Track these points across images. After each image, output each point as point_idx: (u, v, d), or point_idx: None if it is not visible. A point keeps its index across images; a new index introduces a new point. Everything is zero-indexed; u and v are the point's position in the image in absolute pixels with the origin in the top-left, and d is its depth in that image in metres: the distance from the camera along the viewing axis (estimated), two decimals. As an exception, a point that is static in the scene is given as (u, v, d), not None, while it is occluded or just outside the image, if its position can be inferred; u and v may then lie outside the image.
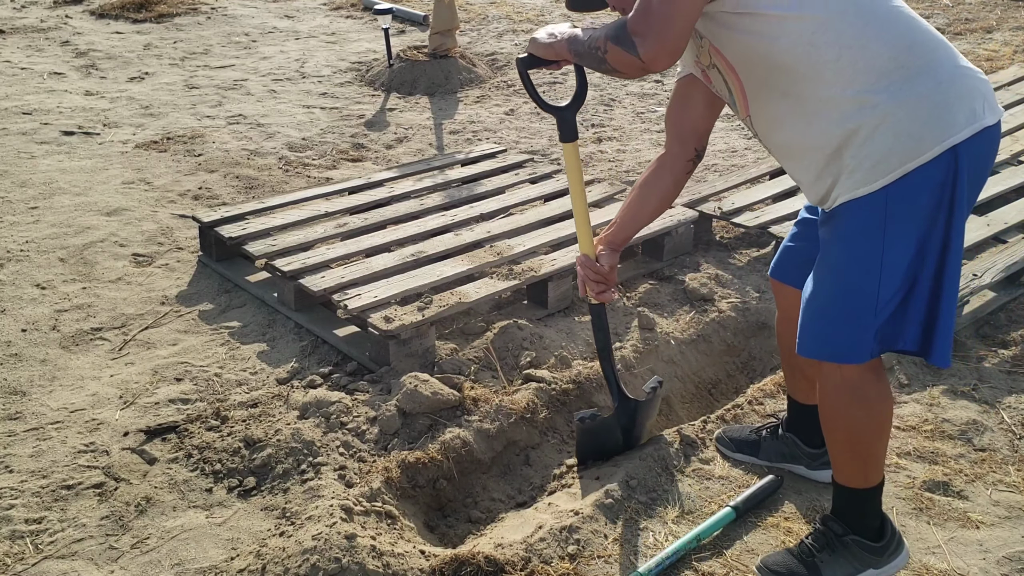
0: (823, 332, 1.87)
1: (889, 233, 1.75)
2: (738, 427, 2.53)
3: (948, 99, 1.71)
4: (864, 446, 1.94)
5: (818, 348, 1.89)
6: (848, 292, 1.82)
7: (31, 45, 7.03)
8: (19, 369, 2.90)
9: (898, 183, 1.73)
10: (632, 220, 2.23)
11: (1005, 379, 2.81)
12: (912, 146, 1.70)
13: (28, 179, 4.43)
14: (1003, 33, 7.02)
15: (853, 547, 2.02)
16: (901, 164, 1.71)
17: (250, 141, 5.11)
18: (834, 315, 1.85)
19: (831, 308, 1.85)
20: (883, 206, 1.75)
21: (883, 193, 1.74)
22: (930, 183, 1.72)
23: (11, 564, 2.12)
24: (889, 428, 1.96)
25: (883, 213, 1.75)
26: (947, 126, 1.70)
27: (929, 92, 1.71)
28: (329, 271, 3.18)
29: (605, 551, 2.12)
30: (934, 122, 1.70)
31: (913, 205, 1.74)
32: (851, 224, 1.79)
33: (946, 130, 1.70)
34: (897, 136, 1.71)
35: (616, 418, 2.39)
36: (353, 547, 2.01)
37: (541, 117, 5.61)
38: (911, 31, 1.74)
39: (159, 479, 2.42)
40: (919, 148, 1.70)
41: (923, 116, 1.70)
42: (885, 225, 1.75)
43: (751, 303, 3.29)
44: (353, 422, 2.56)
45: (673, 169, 2.15)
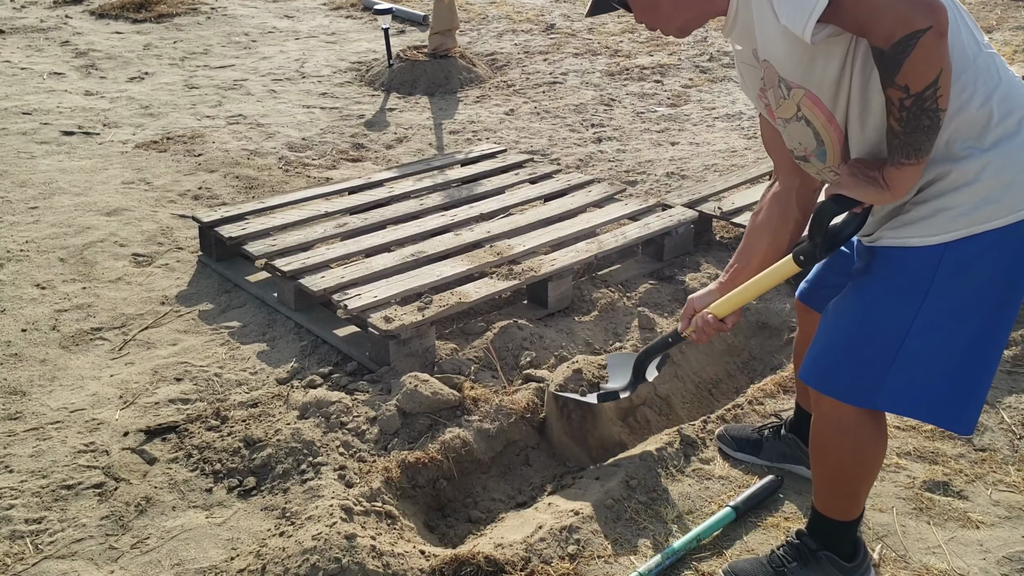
0: (831, 367, 1.79)
1: (933, 292, 1.64)
2: (740, 426, 2.53)
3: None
4: (848, 484, 1.89)
5: (820, 380, 1.82)
6: (869, 336, 1.72)
7: (31, 45, 7.03)
8: (19, 369, 2.90)
9: (961, 243, 1.61)
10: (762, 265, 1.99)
11: (1005, 379, 2.81)
12: (987, 209, 1.59)
13: (28, 179, 4.43)
14: (1003, 33, 7.02)
15: (825, 563, 1.97)
16: (970, 225, 1.60)
17: (250, 141, 5.11)
18: (848, 356, 1.76)
19: (847, 348, 1.77)
20: (936, 263, 1.64)
21: (940, 250, 1.62)
22: (997, 250, 1.61)
23: (11, 564, 2.12)
24: (877, 471, 1.89)
25: (933, 271, 1.64)
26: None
27: (1018, 155, 1.58)
28: (329, 271, 3.18)
29: (605, 551, 2.12)
30: (1017, 186, 1.58)
31: (970, 269, 1.63)
32: (895, 272, 1.69)
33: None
34: (974, 195, 1.59)
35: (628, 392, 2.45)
36: (353, 547, 2.01)
37: (541, 117, 5.61)
38: (1004, 82, 1.61)
39: (159, 479, 2.42)
40: (994, 212, 1.59)
41: (1006, 180, 1.58)
42: (932, 283, 1.64)
43: (751, 303, 3.29)
44: (353, 422, 2.56)
45: (800, 201, 1.96)
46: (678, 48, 7.00)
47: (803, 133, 1.74)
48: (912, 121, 1.49)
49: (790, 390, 2.75)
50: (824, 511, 1.96)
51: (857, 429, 1.80)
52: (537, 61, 6.82)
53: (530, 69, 6.62)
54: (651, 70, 6.54)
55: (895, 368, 1.70)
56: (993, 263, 1.62)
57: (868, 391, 1.75)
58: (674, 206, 3.75)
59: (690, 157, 4.89)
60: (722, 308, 2.03)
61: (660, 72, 6.50)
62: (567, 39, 7.40)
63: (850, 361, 1.76)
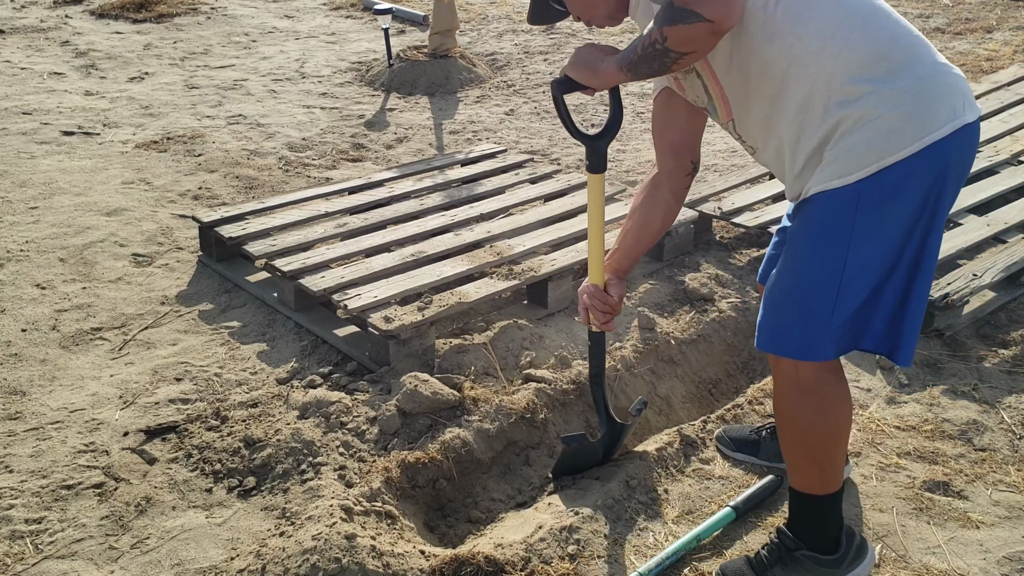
0: (779, 326, 1.82)
1: (857, 231, 1.70)
2: (738, 427, 2.53)
3: (929, 95, 1.67)
4: (819, 449, 1.88)
5: (773, 342, 1.84)
6: (807, 288, 1.76)
7: (31, 45, 7.03)
8: (19, 369, 2.90)
9: (873, 178, 1.67)
10: (635, 245, 2.18)
11: (1005, 379, 2.81)
12: (893, 141, 1.66)
13: (28, 179, 4.43)
14: (1003, 33, 7.02)
15: (805, 562, 1.97)
16: (879, 159, 1.67)
17: (250, 141, 5.11)
18: (791, 310, 1.79)
19: (789, 303, 1.80)
20: (855, 201, 1.69)
21: (856, 187, 1.69)
22: (910, 180, 1.67)
23: (11, 564, 2.12)
24: (847, 432, 1.90)
25: (853, 209, 1.70)
26: (928, 122, 1.66)
27: (910, 87, 1.67)
28: (329, 271, 3.18)
29: (605, 551, 2.12)
30: (916, 117, 1.66)
31: (888, 203, 1.69)
32: (818, 217, 1.74)
33: (927, 126, 1.66)
34: (877, 130, 1.66)
35: (601, 441, 2.38)
36: (353, 547, 2.01)
37: (541, 117, 5.61)
38: (891, 24, 1.71)
39: (159, 479, 2.42)
40: (899, 143, 1.66)
41: (904, 111, 1.66)
42: (854, 222, 1.70)
43: (751, 303, 3.29)
44: (353, 422, 2.56)
45: (672, 185, 2.10)
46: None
47: (696, 87, 1.90)
48: (650, 57, 1.72)
49: (790, 390, 2.75)
50: (801, 487, 1.95)
51: (819, 387, 1.82)
52: (537, 61, 6.82)
53: (530, 69, 6.62)
54: (651, 70, 6.54)
55: (838, 312, 1.74)
56: (909, 193, 1.68)
57: (818, 342, 1.77)
58: (674, 206, 3.75)
59: (690, 157, 4.89)
60: (592, 275, 2.17)
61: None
62: (567, 39, 7.40)
63: (795, 316, 1.79)
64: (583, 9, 1.92)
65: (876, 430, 2.58)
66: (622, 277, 2.23)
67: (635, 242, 2.18)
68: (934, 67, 1.70)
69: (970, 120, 1.70)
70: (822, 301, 1.74)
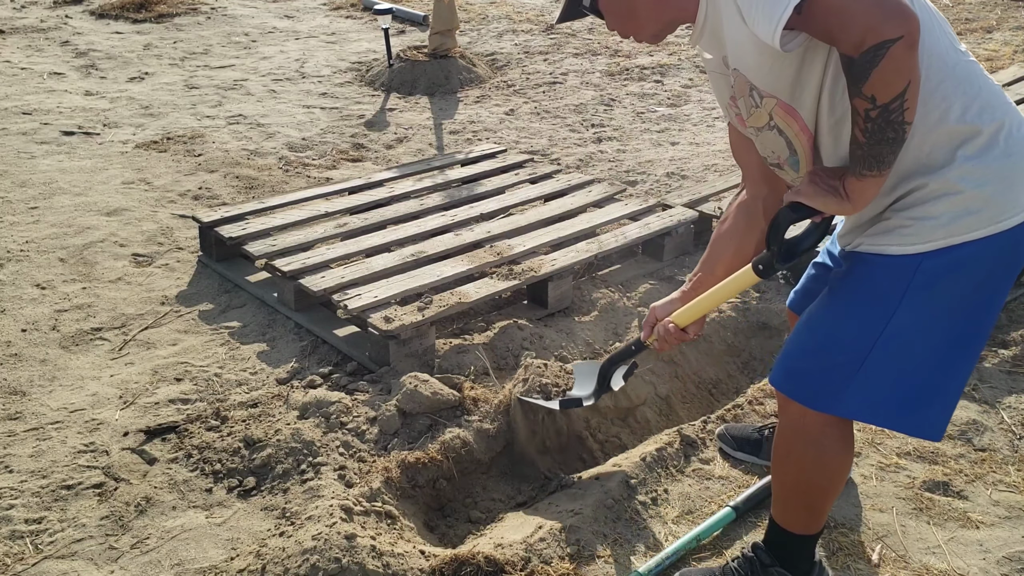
0: (798, 370, 1.76)
1: (907, 301, 1.61)
2: (740, 426, 2.53)
3: (1014, 175, 1.56)
4: (809, 496, 1.84)
5: (787, 383, 1.78)
6: (838, 341, 1.69)
7: (31, 45, 7.03)
8: (19, 369, 2.90)
9: (939, 253, 1.57)
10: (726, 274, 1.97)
11: (1005, 379, 2.81)
12: (968, 221, 1.55)
13: (28, 179, 4.43)
14: (1003, 33, 7.02)
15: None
16: (948, 236, 1.56)
17: (250, 141, 5.11)
18: (814, 359, 1.73)
19: (814, 351, 1.73)
20: (912, 272, 1.60)
21: (918, 259, 1.59)
22: (975, 262, 1.58)
23: (11, 564, 2.12)
24: (839, 486, 1.84)
25: (910, 279, 1.60)
26: (1009, 207, 1.55)
27: (997, 167, 1.55)
28: (329, 271, 3.18)
29: (605, 551, 2.12)
30: (997, 200, 1.55)
31: (945, 281, 1.59)
32: (870, 278, 1.66)
33: (1006, 211, 1.55)
34: (954, 207, 1.55)
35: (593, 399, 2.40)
36: (353, 547, 2.01)
37: (541, 117, 5.61)
38: (984, 91, 1.58)
39: (159, 479, 2.42)
40: (974, 224, 1.55)
41: (987, 193, 1.55)
42: (905, 293, 1.61)
43: (751, 303, 3.29)
44: (353, 422, 2.56)
45: (767, 212, 1.91)
46: (678, 48, 7.00)
47: (776, 142, 1.71)
48: (877, 133, 1.45)
49: (790, 390, 2.75)
50: (782, 523, 1.92)
51: (821, 440, 1.76)
52: (537, 61, 6.82)
53: (530, 69, 6.62)
54: (651, 70, 6.54)
55: (861, 375, 1.66)
56: (968, 276, 1.59)
57: (833, 396, 1.70)
58: (674, 206, 3.75)
59: (690, 157, 4.89)
60: (683, 317, 2.02)
61: (660, 72, 6.50)
62: (567, 39, 7.40)
63: (818, 365, 1.72)
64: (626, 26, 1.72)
65: (876, 430, 2.58)
66: None
67: (725, 273, 1.97)
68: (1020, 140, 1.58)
69: None
70: (849, 360, 1.67)
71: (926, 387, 1.66)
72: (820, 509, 1.87)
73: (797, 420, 1.78)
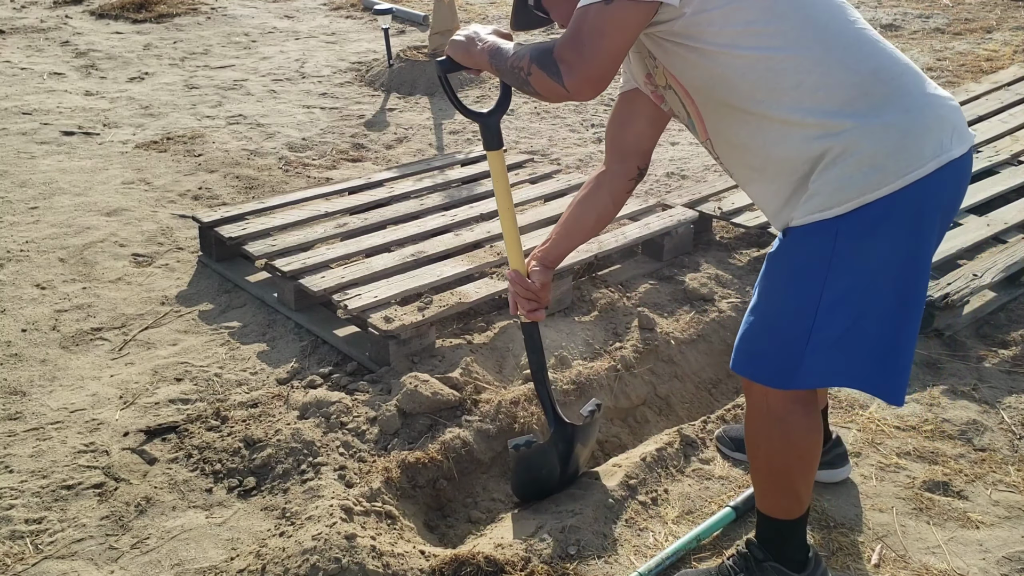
0: (753, 352, 1.80)
1: (835, 267, 1.66)
2: (738, 426, 2.53)
3: (915, 130, 1.63)
4: (783, 477, 1.87)
5: (745, 366, 1.82)
6: (782, 319, 1.74)
7: (31, 45, 7.03)
8: (19, 369, 2.90)
9: (853, 215, 1.63)
10: (566, 238, 2.17)
11: (1005, 379, 2.81)
12: (875, 178, 1.62)
13: (28, 179, 4.43)
14: (1003, 33, 7.02)
15: (771, 573, 1.95)
16: (860, 195, 1.63)
17: (250, 141, 5.11)
18: (764, 338, 1.78)
19: (763, 330, 1.78)
20: (832, 237, 1.65)
21: (835, 223, 1.65)
22: (891, 217, 1.63)
23: (11, 564, 2.12)
24: (813, 465, 1.88)
25: (832, 245, 1.66)
26: (913, 158, 1.62)
27: (896, 121, 1.62)
28: (329, 271, 3.18)
29: (605, 551, 2.12)
30: (899, 154, 1.62)
31: (867, 239, 1.65)
32: (797, 250, 1.71)
33: (911, 163, 1.62)
34: (859, 166, 1.62)
35: (553, 444, 2.25)
36: (353, 547, 2.01)
37: (541, 117, 5.61)
38: (876, 55, 1.66)
39: (159, 479, 2.42)
40: (881, 180, 1.62)
41: (888, 147, 1.61)
42: (831, 258, 1.66)
43: (751, 303, 3.29)
44: (353, 422, 2.56)
45: (612, 188, 2.07)
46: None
47: (675, 102, 1.86)
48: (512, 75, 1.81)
49: (790, 390, 2.75)
50: (765, 510, 1.94)
51: (787, 417, 1.80)
52: (537, 61, 6.82)
53: (530, 69, 6.62)
54: (651, 70, 6.54)
55: (811, 346, 1.71)
56: (888, 232, 1.64)
57: (790, 372, 1.74)
58: (674, 206, 3.75)
59: (690, 157, 4.89)
60: (510, 258, 2.18)
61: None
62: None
63: (768, 343, 1.77)
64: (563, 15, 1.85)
65: (876, 430, 2.58)
66: (549, 266, 2.20)
67: (566, 236, 2.17)
68: (923, 98, 1.66)
69: (957, 155, 1.66)
70: (796, 334, 1.72)
71: (877, 346, 1.71)
72: (797, 491, 1.88)
73: (761, 401, 1.83)
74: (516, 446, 2.21)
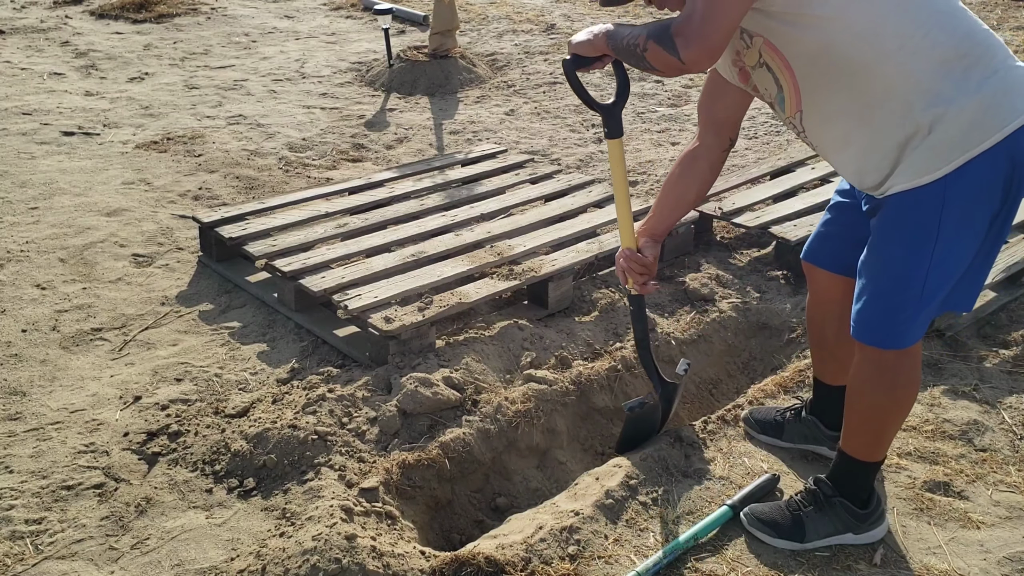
0: (868, 320, 1.92)
1: (944, 230, 1.78)
2: (764, 408, 2.59)
3: (1006, 86, 1.74)
4: (880, 423, 2.02)
5: (866, 334, 1.94)
6: (896, 283, 1.86)
7: (31, 45, 7.03)
8: (19, 369, 2.90)
9: (957, 172, 1.74)
10: (672, 210, 2.29)
11: (1006, 379, 2.81)
12: (974, 135, 1.72)
13: (28, 179, 4.43)
14: (1003, 33, 7.01)
15: (839, 508, 2.11)
16: (963, 153, 1.73)
17: (250, 141, 5.11)
18: (881, 305, 1.89)
19: (878, 298, 1.89)
20: (940, 197, 1.76)
21: (942, 189, 1.76)
22: (991, 172, 1.74)
23: (11, 564, 2.12)
24: (907, 412, 2.03)
25: (940, 205, 1.77)
26: (1008, 113, 1.72)
27: (988, 81, 1.73)
28: (329, 271, 3.17)
29: (605, 551, 2.12)
30: (995, 110, 1.72)
31: (972, 196, 1.76)
32: (905, 216, 1.82)
33: (1006, 117, 1.72)
34: (959, 126, 1.73)
35: (659, 403, 2.47)
36: (353, 547, 2.01)
37: (541, 117, 5.61)
38: (967, 22, 1.78)
39: (159, 479, 2.42)
40: (980, 137, 1.72)
41: (984, 104, 1.72)
42: (941, 218, 1.77)
43: (751, 303, 3.29)
44: (353, 422, 2.56)
45: (709, 158, 2.20)
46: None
47: (766, 79, 1.95)
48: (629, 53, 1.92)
49: (790, 390, 2.75)
50: (852, 452, 2.08)
51: (897, 372, 1.95)
52: (537, 61, 6.82)
53: (530, 69, 6.62)
54: (651, 70, 6.54)
55: (922, 306, 1.86)
56: (994, 185, 1.76)
57: (903, 333, 1.90)
58: (674, 206, 3.74)
59: (690, 157, 4.89)
60: (623, 238, 2.32)
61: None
62: (567, 39, 7.40)
63: (884, 309, 1.89)
64: None
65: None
66: (657, 240, 2.33)
67: (671, 210, 2.28)
68: (1008, 59, 1.77)
69: None
70: (908, 298, 1.85)
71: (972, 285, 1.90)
72: (887, 436, 2.06)
73: (874, 356, 1.96)
74: (631, 407, 2.43)
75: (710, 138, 2.19)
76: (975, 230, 1.81)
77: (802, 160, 4.31)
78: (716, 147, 2.19)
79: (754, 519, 2.17)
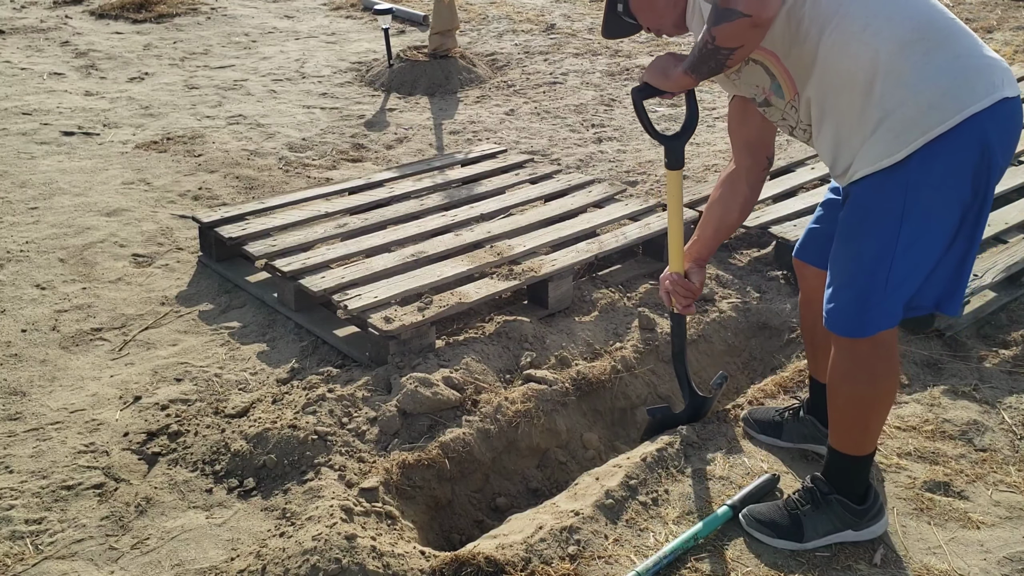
0: (838, 310, 1.93)
1: (909, 212, 1.79)
2: (763, 408, 2.59)
3: (967, 71, 1.75)
4: (863, 415, 2.02)
5: (836, 325, 1.95)
6: (862, 270, 1.87)
7: (31, 45, 7.03)
8: (19, 369, 2.90)
9: (920, 157, 1.75)
10: (714, 236, 2.34)
11: (1006, 379, 2.81)
12: (933, 116, 1.74)
13: (28, 179, 4.43)
14: (1003, 33, 7.02)
15: (836, 506, 2.12)
16: (922, 135, 1.74)
17: (250, 141, 5.11)
18: (849, 293, 1.91)
19: (847, 287, 1.91)
20: (903, 183, 1.78)
21: (904, 169, 1.77)
22: (956, 157, 1.75)
23: (11, 564, 2.12)
24: (891, 403, 2.03)
25: (903, 190, 1.78)
26: (967, 95, 1.73)
27: (949, 64, 1.75)
28: (329, 271, 3.17)
29: (605, 551, 2.12)
30: (954, 92, 1.74)
31: (937, 182, 1.76)
32: (870, 201, 1.84)
33: (966, 100, 1.73)
34: (919, 107, 1.74)
35: (684, 413, 2.55)
36: (353, 547, 2.01)
37: (541, 117, 5.61)
38: (929, 9, 1.81)
39: (159, 479, 2.42)
40: (940, 118, 1.73)
41: (943, 87, 1.74)
42: (904, 203, 1.78)
43: (751, 303, 3.29)
44: (353, 422, 2.56)
45: (749, 180, 2.24)
46: (678, 49, 7.00)
47: (757, 74, 1.99)
48: (704, 56, 1.88)
49: (790, 390, 2.75)
50: (840, 447, 2.09)
51: (872, 363, 1.95)
52: (537, 61, 6.82)
53: (530, 69, 6.62)
54: (651, 70, 6.54)
55: (888, 294, 1.86)
56: (956, 173, 1.77)
57: (872, 321, 1.90)
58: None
59: (690, 157, 4.89)
60: (672, 262, 2.38)
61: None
62: (567, 39, 7.40)
63: (851, 298, 1.91)
64: (652, 20, 2.09)
65: (876, 430, 2.57)
66: (702, 265, 2.41)
67: (714, 233, 2.33)
68: (971, 48, 1.79)
69: (1011, 95, 1.76)
70: (875, 284, 1.86)
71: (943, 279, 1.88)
72: (871, 428, 2.05)
73: (848, 348, 1.96)
74: (652, 412, 2.54)
75: (746, 159, 2.22)
76: (943, 219, 1.80)
77: (802, 160, 4.32)
78: (755, 167, 2.22)
79: (752, 520, 2.17)
